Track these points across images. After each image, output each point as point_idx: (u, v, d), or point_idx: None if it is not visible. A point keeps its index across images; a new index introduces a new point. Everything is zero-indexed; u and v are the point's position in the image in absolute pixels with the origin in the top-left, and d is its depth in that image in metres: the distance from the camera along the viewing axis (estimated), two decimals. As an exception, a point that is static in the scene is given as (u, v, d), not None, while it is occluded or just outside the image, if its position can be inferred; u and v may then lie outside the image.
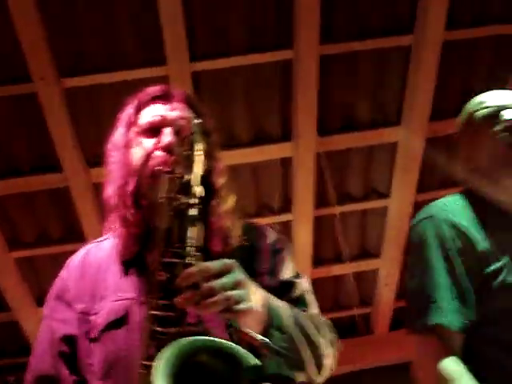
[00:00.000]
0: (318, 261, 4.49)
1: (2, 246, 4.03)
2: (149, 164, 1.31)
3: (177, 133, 1.33)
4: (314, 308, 1.36)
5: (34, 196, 3.87)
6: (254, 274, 1.26)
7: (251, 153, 3.90)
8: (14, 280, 4.27)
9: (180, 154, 1.21)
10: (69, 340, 1.29)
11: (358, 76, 3.69)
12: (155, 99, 1.41)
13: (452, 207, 1.55)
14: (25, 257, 4.19)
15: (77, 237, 3.98)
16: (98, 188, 3.84)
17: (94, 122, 3.61)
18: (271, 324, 1.11)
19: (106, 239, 1.45)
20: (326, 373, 1.27)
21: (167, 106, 1.39)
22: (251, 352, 1.03)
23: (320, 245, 4.42)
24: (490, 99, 1.65)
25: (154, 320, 1.02)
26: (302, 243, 4.30)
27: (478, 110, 1.64)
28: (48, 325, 1.34)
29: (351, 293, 4.66)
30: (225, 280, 1.01)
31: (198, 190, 1.11)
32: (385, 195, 4.26)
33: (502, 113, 1.58)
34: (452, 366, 1.41)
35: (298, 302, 1.31)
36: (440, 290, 1.44)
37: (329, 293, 4.77)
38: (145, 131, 1.37)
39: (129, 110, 1.43)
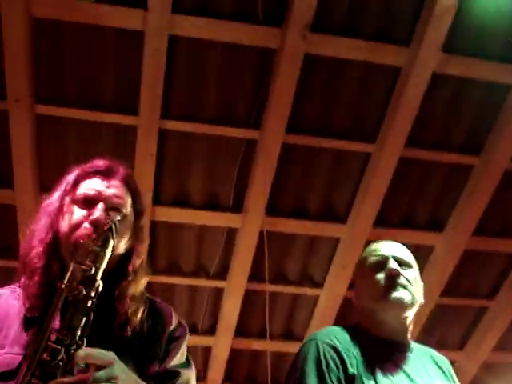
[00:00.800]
0: (240, 332, 4.56)
1: None
2: (74, 234, 1.40)
3: (109, 210, 1.41)
4: None
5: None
6: (147, 360, 1.37)
7: (201, 215, 4.01)
8: None
9: (102, 233, 1.31)
10: None
11: (315, 169, 3.87)
12: (97, 173, 1.48)
13: (335, 333, 1.75)
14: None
15: (14, 255, 4.00)
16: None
17: (57, 151, 3.70)
18: None
19: (19, 287, 1.50)
20: None
21: (105, 183, 1.46)
22: None
23: (246, 317, 4.50)
24: (381, 248, 1.88)
25: None
26: (228, 311, 4.38)
27: (369, 257, 1.85)
28: None
29: (267, 370, 4.71)
30: (99, 374, 1.10)
31: (98, 284, 1.21)
32: (318, 284, 4.38)
33: (388, 261, 1.80)
34: None
35: None
36: None
37: (245, 366, 4.83)
38: (79, 201, 1.44)
39: (70, 177, 1.52)
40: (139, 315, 1.42)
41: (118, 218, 1.34)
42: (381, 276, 1.79)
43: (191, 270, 4.31)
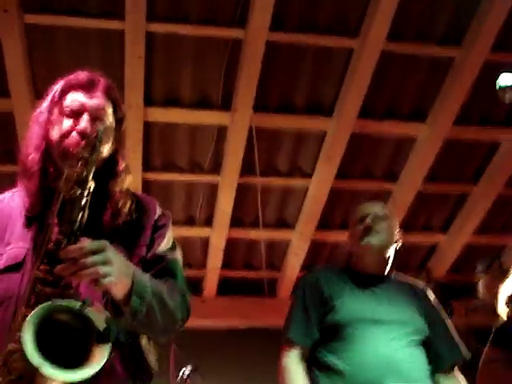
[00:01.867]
0: (236, 223, 4.84)
1: None
2: (64, 142, 1.58)
3: (93, 119, 1.58)
4: (179, 277, 1.65)
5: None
6: (135, 246, 1.59)
7: (192, 115, 4.17)
8: None
9: (90, 142, 1.49)
10: None
11: (300, 66, 3.97)
12: (80, 86, 1.63)
13: (322, 269, 2.54)
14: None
15: (14, 161, 4.18)
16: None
17: (48, 58, 3.80)
18: (133, 292, 1.40)
19: (19, 191, 1.70)
20: (174, 331, 1.59)
21: (88, 95, 1.61)
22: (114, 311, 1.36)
23: (240, 209, 4.76)
24: (364, 207, 2.45)
25: (36, 279, 1.32)
26: (223, 204, 4.63)
27: (357, 214, 2.43)
28: None
29: (261, 256, 5.03)
30: (96, 258, 1.31)
31: (90, 185, 1.41)
32: (307, 175, 4.60)
33: (366, 217, 2.38)
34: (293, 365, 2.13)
35: (167, 272, 1.60)
36: (296, 319, 2.21)
37: (242, 254, 5.16)
38: (66, 113, 1.60)
39: (56, 88, 1.67)
40: (127, 208, 1.63)
41: (102, 127, 1.52)
42: (359, 227, 2.36)
43: (186, 167, 4.51)
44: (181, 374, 3.92)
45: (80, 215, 1.38)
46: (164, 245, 1.65)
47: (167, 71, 3.99)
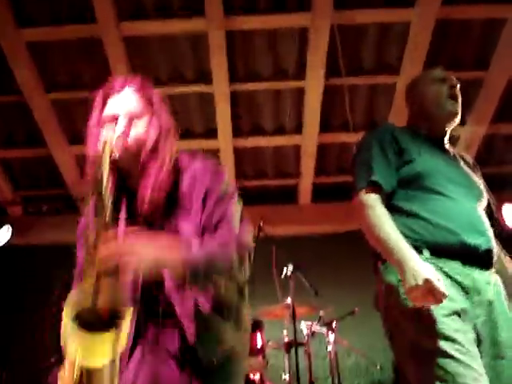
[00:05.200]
0: (325, 127, 4.86)
1: (40, 88, 4.47)
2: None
3: (130, 120, 1.71)
4: (233, 228, 1.67)
5: (70, 45, 4.24)
6: (190, 213, 1.67)
7: (271, 19, 4.16)
8: (50, 120, 4.75)
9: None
10: None
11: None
12: (116, 91, 1.75)
13: (392, 126, 2.24)
14: (59, 99, 4.63)
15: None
16: (128, 41, 4.20)
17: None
18: (186, 272, 1.52)
19: None
20: (238, 270, 1.65)
21: (120, 98, 1.74)
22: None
23: (329, 113, 4.77)
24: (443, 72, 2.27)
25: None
26: (311, 109, 4.65)
27: (434, 72, 2.27)
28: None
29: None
30: (122, 249, 1.46)
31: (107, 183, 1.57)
32: (395, 71, 4.51)
33: (449, 79, 2.22)
34: (379, 207, 1.99)
35: (219, 226, 1.65)
36: (377, 163, 2.06)
37: (333, 158, 5.19)
38: (106, 118, 1.73)
39: (99, 97, 1.77)
40: (169, 180, 1.70)
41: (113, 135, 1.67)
42: (443, 88, 2.20)
43: (270, 74, 4.54)
44: (284, 272, 4.08)
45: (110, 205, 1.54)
46: (215, 203, 1.69)
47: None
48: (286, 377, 3.99)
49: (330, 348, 4.02)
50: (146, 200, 1.64)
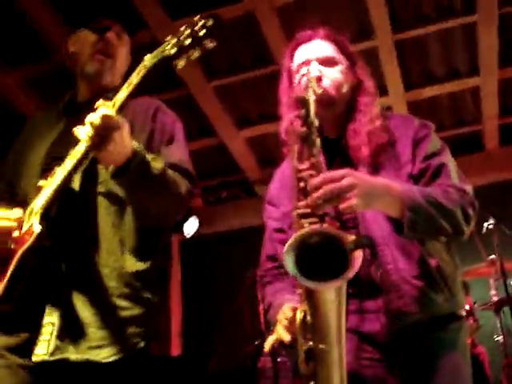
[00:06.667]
0: (505, 62, 4.38)
1: (200, 77, 4.48)
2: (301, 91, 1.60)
3: (321, 63, 1.66)
4: (450, 177, 1.56)
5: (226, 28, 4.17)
6: (399, 166, 1.59)
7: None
8: (215, 107, 4.76)
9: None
10: (279, 230, 1.73)
11: None
12: (302, 42, 1.73)
13: None
14: (221, 85, 4.62)
15: (266, 62, 4.27)
16: (282, 11, 4.03)
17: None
18: (407, 208, 1.41)
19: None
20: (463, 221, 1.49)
21: (310, 46, 1.71)
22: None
23: (506, 47, 4.27)
24: None
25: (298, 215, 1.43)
26: (486, 45, 4.19)
27: None
28: (268, 223, 1.80)
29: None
30: (338, 184, 1.34)
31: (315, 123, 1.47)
32: None
33: None
34: None
35: (436, 176, 1.56)
36: None
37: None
38: (298, 66, 1.70)
39: (287, 53, 1.76)
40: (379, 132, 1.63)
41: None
42: None
43: (437, 15, 4.14)
44: (484, 226, 3.76)
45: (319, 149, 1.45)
46: (427, 155, 1.60)
47: None
48: (500, 338, 3.81)
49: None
50: (357, 146, 1.59)
